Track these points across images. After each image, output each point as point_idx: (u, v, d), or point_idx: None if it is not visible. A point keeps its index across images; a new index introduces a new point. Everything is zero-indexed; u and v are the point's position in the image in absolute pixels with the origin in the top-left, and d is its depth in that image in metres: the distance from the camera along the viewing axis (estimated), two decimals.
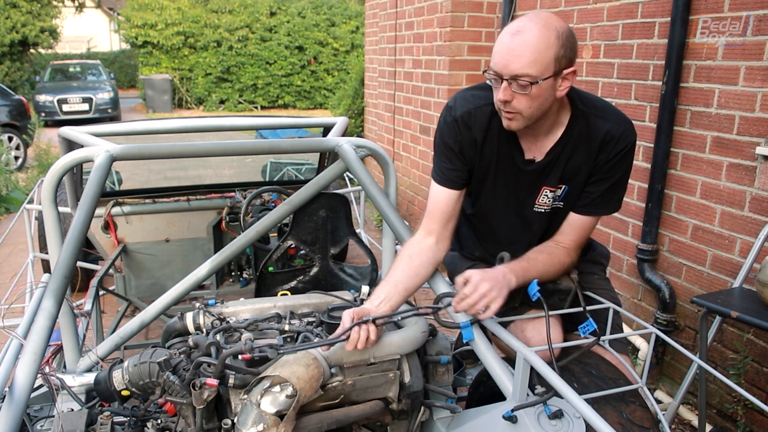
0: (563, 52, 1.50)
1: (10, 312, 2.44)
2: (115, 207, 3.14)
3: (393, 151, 5.98)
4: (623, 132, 1.65)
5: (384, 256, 2.28)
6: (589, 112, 1.66)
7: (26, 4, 15.60)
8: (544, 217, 1.79)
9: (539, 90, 1.51)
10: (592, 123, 1.66)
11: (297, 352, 1.48)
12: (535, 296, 1.61)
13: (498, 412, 1.50)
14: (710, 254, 2.75)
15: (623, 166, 1.70)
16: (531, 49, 1.47)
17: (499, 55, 1.52)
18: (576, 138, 1.66)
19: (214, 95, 17.74)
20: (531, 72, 1.48)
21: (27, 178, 7.94)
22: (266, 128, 5.04)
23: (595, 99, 1.72)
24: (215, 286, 3.37)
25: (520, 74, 1.49)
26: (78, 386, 1.78)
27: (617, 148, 1.65)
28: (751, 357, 2.58)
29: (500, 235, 1.89)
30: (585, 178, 1.70)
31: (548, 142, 1.68)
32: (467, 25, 4.49)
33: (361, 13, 17.20)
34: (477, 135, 1.70)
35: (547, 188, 1.74)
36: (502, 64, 1.51)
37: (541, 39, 1.47)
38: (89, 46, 27.46)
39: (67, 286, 1.60)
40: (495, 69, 1.53)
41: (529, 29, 1.48)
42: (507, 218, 1.85)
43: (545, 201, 1.76)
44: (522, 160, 1.72)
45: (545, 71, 1.49)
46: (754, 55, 2.48)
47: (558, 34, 1.48)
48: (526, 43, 1.47)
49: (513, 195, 1.79)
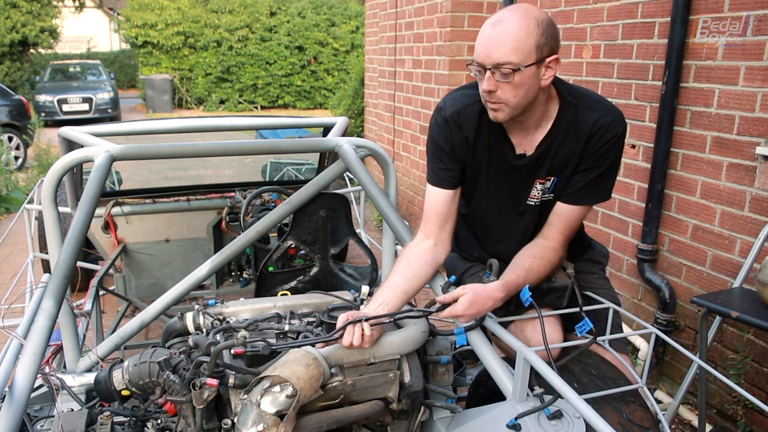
0: (544, 39, 1.52)
1: (10, 312, 2.44)
2: (115, 207, 3.14)
3: (393, 151, 5.98)
4: (611, 121, 1.65)
5: (384, 256, 2.28)
6: (577, 103, 1.67)
7: (26, 4, 15.60)
8: (535, 210, 1.80)
9: (522, 78, 1.53)
10: (581, 114, 1.66)
11: (291, 349, 1.48)
12: (527, 302, 1.62)
13: (498, 412, 1.50)
14: (710, 254, 2.75)
15: (612, 156, 1.70)
16: (511, 38, 1.50)
17: (480, 45, 1.55)
18: (565, 129, 1.67)
19: (214, 95, 17.74)
20: (513, 59, 1.50)
21: (27, 178, 7.94)
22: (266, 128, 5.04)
23: (583, 90, 1.73)
24: (215, 286, 3.37)
25: (502, 62, 1.51)
26: (78, 386, 1.78)
27: (605, 137, 1.66)
28: (751, 357, 2.58)
29: (496, 233, 1.90)
30: (573, 168, 1.71)
31: (538, 135, 1.69)
32: (467, 25, 4.49)
33: (361, 13, 17.21)
34: (468, 134, 1.71)
35: (538, 180, 1.75)
36: (484, 54, 1.53)
37: (521, 27, 1.50)
38: (89, 46, 27.47)
39: (67, 286, 1.60)
40: (477, 60, 1.56)
41: (508, 18, 1.51)
42: (501, 214, 1.85)
43: (536, 194, 1.77)
44: (513, 155, 1.73)
45: (527, 58, 1.51)
46: (754, 55, 2.48)
47: (538, 23, 1.51)
48: (506, 32, 1.50)
49: (506, 191, 1.80)
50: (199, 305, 1.82)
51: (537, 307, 1.61)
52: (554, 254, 1.76)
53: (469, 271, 2.07)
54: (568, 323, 1.84)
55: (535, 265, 1.71)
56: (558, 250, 1.77)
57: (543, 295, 1.79)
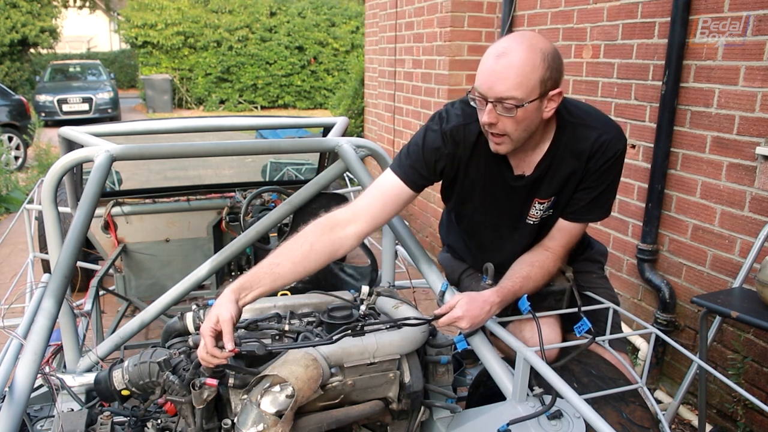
0: (549, 74, 1.47)
1: (10, 312, 2.44)
2: (115, 207, 3.14)
3: (393, 151, 5.98)
4: (611, 139, 1.62)
5: (384, 256, 2.28)
6: (575, 122, 1.64)
7: (26, 4, 15.61)
8: (534, 228, 1.79)
9: (525, 113, 1.49)
10: (579, 132, 1.63)
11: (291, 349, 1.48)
12: (525, 311, 1.63)
13: (498, 412, 1.50)
14: (710, 254, 2.75)
15: (612, 174, 1.67)
16: (516, 72, 1.44)
17: (483, 76, 1.49)
18: (563, 149, 1.64)
19: (214, 95, 17.75)
20: (516, 95, 1.46)
21: (27, 178, 7.94)
22: (266, 128, 5.05)
23: (581, 107, 1.69)
24: (215, 286, 3.37)
25: (505, 97, 1.46)
26: (78, 386, 1.78)
27: (606, 155, 1.63)
28: (751, 357, 2.58)
29: (493, 248, 1.88)
30: (574, 186, 1.69)
31: (536, 156, 1.67)
32: (467, 25, 4.48)
33: (361, 13, 17.21)
34: (463, 153, 1.68)
35: (537, 200, 1.73)
36: (487, 86, 1.48)
37: (527, 61, 1.44)
38: (89, 46, 27.48)
39: (67, 286, 1.60)
40: (480, 91, 1.51)
41: (514, 50, 1.45)
42: (499, 231, 1.84)
43: (535, 213, 1.75)
44: (511, 176, 1.71)
45: (531, 94, 1.47)
46: (754, 55, 2.48)
47: (543, 56, 1.46)
48: (511, 66, 1.45)
49: (505, 210, 1.78)
50: (199, 305, 1.82)
51: (535, 316, 1.62)
52: (553, 264, 1.75)
53: (467, 272, 2.07)
54: (568, 323, 1.84)
55: (533, 274, 1.70)
56: (557, 260, 1.77)
57: (541, 299, 1.79)
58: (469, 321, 1.58)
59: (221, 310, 1.43)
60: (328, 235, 1.61)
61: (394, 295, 1.86)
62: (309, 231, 1.61)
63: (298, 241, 1.59)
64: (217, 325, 1.41)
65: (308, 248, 1.58)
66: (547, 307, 1.81)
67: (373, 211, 1.67)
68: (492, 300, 1.61)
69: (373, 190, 1.72)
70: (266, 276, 1.53)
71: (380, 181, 1.72)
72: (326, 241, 1.61)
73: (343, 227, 1.64)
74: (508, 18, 4.12)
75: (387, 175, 1.72)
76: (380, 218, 1.70)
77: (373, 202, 1.68)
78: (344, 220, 1.64)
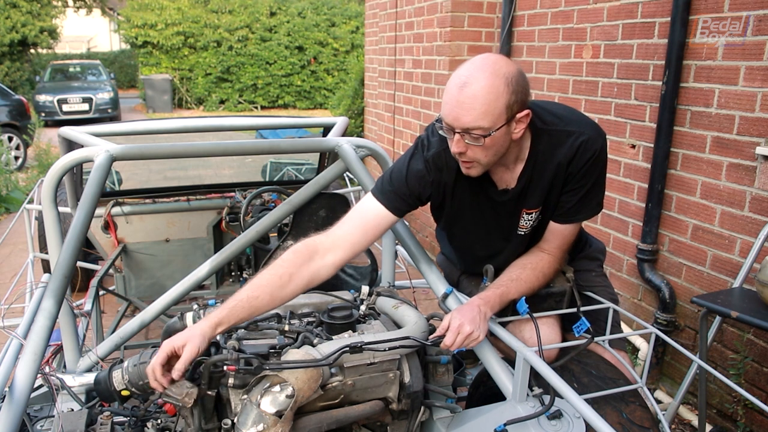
0: (514, 98, 1.45)
1: (10, 312, 2.44)
2: (115, 207, 3.14)
3: (393, 151, 5.98)
4: (588, 139, 1.61)
5: (384, 256, 2.28)
6: (549, 129, 1.62)
7: (26, 4, 15.62)
8: (526, 237, 1.80)
9: (493, 140, 1.48)
10: (555, 138, 1.62)
11: (291, 350, 1.49)
12: (524, 313, 1.63)
13: (498, 412, 1.50)
14: (710, 254, 2.75)
15: (596, 172, 1.66)
16: (481, 102, 1.42)
17: (448, 107, 1.47)
18: (542, 157, 1.64)
19: (214, 95, 17.75)
20: (483, 124, 1.44)
21: (27, 178, 7.94)
22: (266, 128, 5.04)
23: (552, 110, 1.67)
24: (215, 286, 3.37)
25: (471, 127, 1.45)
26: (78, 386, 1.78)
27: (585, 156, 1.61)
28: (751, 357, 2.58)
29: (485, 258, 1.88)
30: (559, 191, 1.68)
31: (517, 169, 1.67)
32: (467, 25, 4.48)
33: (361, 13, 17.21)
34: (448, 177, 1.68)
35: (525, 211, 1.73)
36: (452, 117, 1.47)
37: (491, 89, 1.42)
38: (89, 46, 27.49)
39: (67, 286, 1.60)
40: (446, 121, 1.50)
41: (477, 79, 1.43)
42: (491, 244, 1.85)
43: (525, 224, 1.76)
44: (496, 192, 1.71)
45: (497, 121, 1.45)
46: (754, 55, 2.48)
47: (507, 81, 1.43)
48: (475, 96, 1.42)
49: (495, 226, 1.79)
50: (199, 305, 1.82)
51: (533, 317, 1.61)
52: (548, 265, 1.75)
53: (465, 274, 2.08)
54: (567, 323, 1.84)
55: (524, 275, 1.70)
56: (553, 261, 1.76)
57: (541, 301, 1.80)
58: (470, 323, 1.57)
59: (193, 341, 1.39)
60: (306, 266, 1.59)
61: (394, 295, 1.86)
62: (288, 261, 1.59)
63: (277, 271, 1.56)
64: (180, 349, 1.38)
65: (287, 280, 1.55)
66: (547, 308, 1.81)
67: (354, 239, 1.66)
68: (476, 302, 1.61)
69: (354, 216, 1.69)
70: (244, 310, 1.50)
71: (361, 207, 1.70)
72: (304, 273, 1.58)
73: (322, 256, 1.62)
74: (508, 18, 4.12)
75: (368, 201, 1.70)
76: (360, 245, 1.68)
77: (354, 230, 1.67)
78: (323, 249, 1.62)
